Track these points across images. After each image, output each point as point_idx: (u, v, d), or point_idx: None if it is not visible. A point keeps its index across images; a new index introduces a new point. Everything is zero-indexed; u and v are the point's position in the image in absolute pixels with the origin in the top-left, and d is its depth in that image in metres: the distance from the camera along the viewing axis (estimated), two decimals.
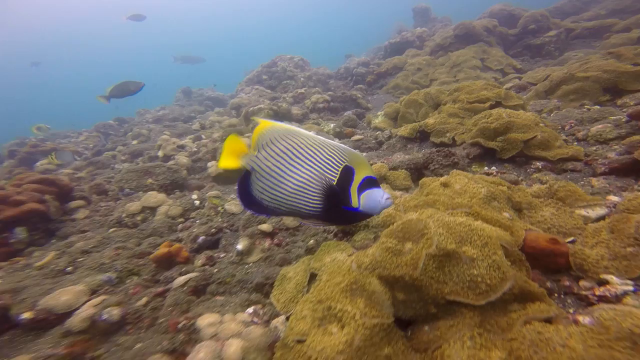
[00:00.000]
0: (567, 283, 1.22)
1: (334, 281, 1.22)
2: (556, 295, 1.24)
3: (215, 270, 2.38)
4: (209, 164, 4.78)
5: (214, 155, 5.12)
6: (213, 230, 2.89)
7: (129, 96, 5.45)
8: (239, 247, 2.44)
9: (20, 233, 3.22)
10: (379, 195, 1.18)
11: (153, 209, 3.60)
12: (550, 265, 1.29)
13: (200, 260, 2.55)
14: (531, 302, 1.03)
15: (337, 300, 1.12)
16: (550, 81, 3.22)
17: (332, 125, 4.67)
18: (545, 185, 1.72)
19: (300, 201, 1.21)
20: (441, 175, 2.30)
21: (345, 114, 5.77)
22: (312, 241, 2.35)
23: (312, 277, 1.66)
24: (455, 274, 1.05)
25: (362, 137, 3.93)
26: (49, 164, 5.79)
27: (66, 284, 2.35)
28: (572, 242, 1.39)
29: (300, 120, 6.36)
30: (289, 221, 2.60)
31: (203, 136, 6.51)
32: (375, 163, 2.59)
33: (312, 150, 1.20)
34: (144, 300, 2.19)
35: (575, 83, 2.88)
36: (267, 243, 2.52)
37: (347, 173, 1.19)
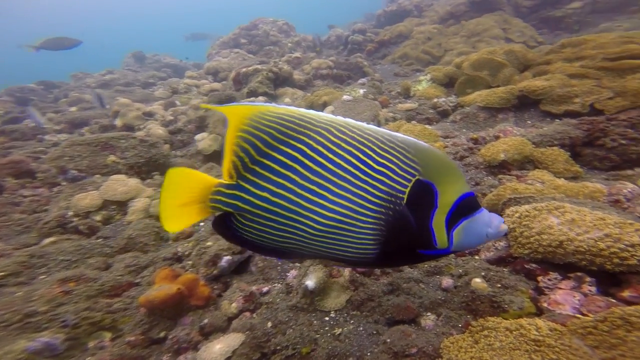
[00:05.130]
0: None
1: None
2: None
3: (269, 325, 1.27)
4: (198, 137, 3.36)
5: (201, 125, 3.67)
6: None
7: (63, 50, 4.72)
8: (310, 283, 1.32)
9: None
10: (485, 224, 0.70)
11: (122, 204, 2.21)
12: None
13: (234, 302, 1.39)
14: None
15: None
16: None
17: (361, 92, 3.53)
18: None
19: (337, 245, 0.70)
20: (633, 155, 1.45)
21: (360, 80, 4.64)
22: (426, 265, 1.36)
23: None
24: None
25: (415, 105, 2.90)
26: None
27: None
28: None
29: (303, 87, 5.05)
30: None
31: (178, 102, 4.87)
32: (505, 136, 1.63)
33: (351, 154, 0.67)
34: None
35: None
36: (346, 271, 1.44)
37: (424, 192, 0.68)
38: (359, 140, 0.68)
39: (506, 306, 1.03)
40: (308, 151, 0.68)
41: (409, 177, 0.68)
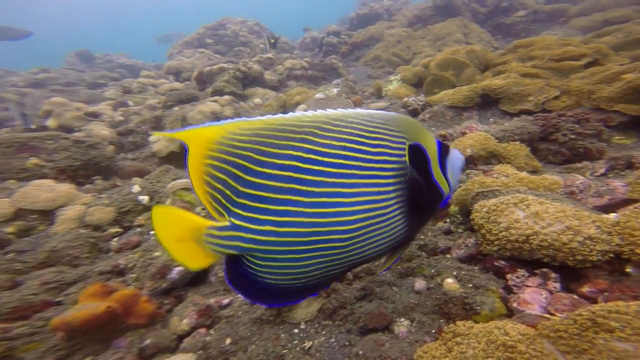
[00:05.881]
0: None
1: None
2: None
3: (228, 342, 1.13)
4: (153, 138, 3.09)
5: (157, 125, 3.39)
6: None
7: (8, 41, 4.46)
8: None
9: None
10: (457, 158, 0.80)
11: (47, 213, 1.93)
12: None
13: (186, 318, 1.23)
14: None
15: None
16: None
17: (335, 91, 3.47)
18: None
19: (372, 241, 0.65)
20: (581, 150, 1.50)
21: (335, 81, 4.59)
22: (398, 266, 1.31)
23: None
24: None
25: (386, 104, 2.89)
26: None
27: None
28: None
29: (275, 88, 4.91)
30: None
31: (131, 102, 4.49)
32: (470, 132, 1.63)
33: (346, 148, 0.62)
34: None
35: None
36: None
37: (417, 153, 0.71)
38: (346, 131, 0.65)
39: (478, 308, 0.98)
40: (301, 164, 0.61)
41: (402, 146, 0.69)
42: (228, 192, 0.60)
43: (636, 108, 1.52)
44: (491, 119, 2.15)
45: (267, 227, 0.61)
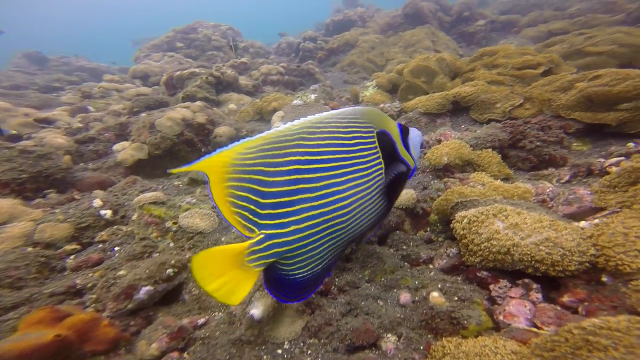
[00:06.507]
0: None
1: None
2: None
3: None
4: (117, 147, 2.82)
5: (122, 133, 3.11)
6: (169, 270, 1.39)
7: None
8: (256, 312, 1.11)
9: None
10: (416, 135, 1.00)
11: None
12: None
13: (155, 342, 1.09)
14: None
15: None
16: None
17: (313, 97, 3.42)
18: None
19: (365, 215, 0.82)
20: (546, 156, 1.56)
21: (312, 86, 4.55)
22: (383, 279, 1.27)
23: None
24: None
25: None
26: None
27: None
28: None
29: (251, 93, 4.75)
30: None
31: (91, 108, 4.11)
32: (446, 140, 1.65)
33: (330, 145, 0.76)
34: None
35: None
36: None
37: (384, 138, 0.87)
38: (327, 131, 0.77)
39: (465, 322, 0.97)
40: (301, 166, 0.72)
41: (371, 134, 0.83)
42: (252, 207, 0.69)
43: (590, 116, 1.64)
44: (463, 126, 2.22)
45: (292, 227, 0.71)
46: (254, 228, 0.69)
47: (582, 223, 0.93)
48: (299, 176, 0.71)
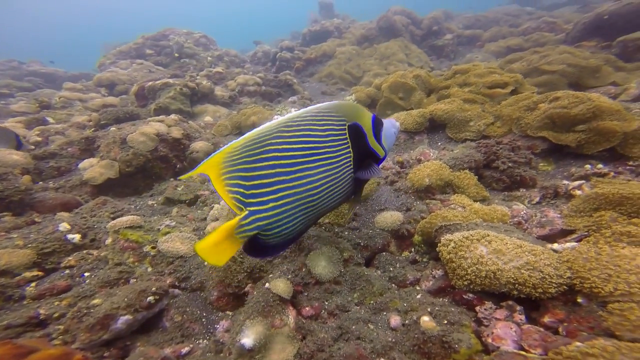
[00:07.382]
0: None
1: None
2: None
3: None
4: (85, 164, 2.58)
5: (88, 148, 2.85)
6: (150, 298, 1.27)
7: None
8: (247, 341, 1.04)
9: None
10: (391, 126, 1.14)
11: None
12: None
13: None
14: None
15: None
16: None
17: (292, 110, 3.40)
18: None
19: (335, 193, 1.00)
20: (518, 177, 1.66)
21: (290, 98, 4.53)
22: (372, 301, 1.28)
23: None
24: None
25: None
26: None
27: None
28: None
29: (227, 104, 4.62)
30: (319, 269, 1.38)
31: (51, 119, 3.75)
32: (427, 161, 1.71)
33: (304, 135, 0.92)
34: None
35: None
36: (291, 318, 1.22)
37: (355, 130, 1.02)
38: (303, 124, 0.92)
39: (456, 346, 0.99)
40: (278, 154, 0.89)
41: (343, 126, 0.98)
42: (242, 190, 0.87)
43: (555, 135, 1.80)
44: (439, 143, 2.33)
45: (271, 204, 0.88)
46: (242, 207, 0.87)
47: (555, 245, 1.01)
48: (276, 162, 0.88)
